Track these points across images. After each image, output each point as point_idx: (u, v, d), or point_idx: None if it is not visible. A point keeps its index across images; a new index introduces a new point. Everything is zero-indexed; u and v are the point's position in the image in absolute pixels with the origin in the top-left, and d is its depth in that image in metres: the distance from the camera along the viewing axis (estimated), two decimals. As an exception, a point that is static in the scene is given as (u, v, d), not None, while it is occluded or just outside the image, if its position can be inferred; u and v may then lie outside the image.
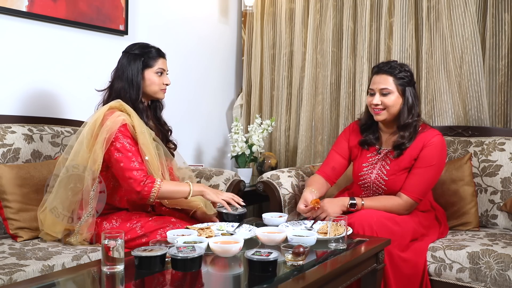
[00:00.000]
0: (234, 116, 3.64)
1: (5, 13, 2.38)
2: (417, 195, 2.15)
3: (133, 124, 1.99)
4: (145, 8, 3.07)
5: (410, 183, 2.16)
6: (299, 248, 1.53)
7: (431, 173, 2.17)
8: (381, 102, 2.17)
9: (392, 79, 2.16)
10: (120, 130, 1.95)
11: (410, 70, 2.22)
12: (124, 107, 2.01)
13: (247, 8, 3.55)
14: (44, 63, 2.57)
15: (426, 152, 2.16)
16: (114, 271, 1.44)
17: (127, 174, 1.92)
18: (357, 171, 2.32)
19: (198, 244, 1.57)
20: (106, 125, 1.94)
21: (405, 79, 2.17)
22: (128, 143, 1.95)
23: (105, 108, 2.01)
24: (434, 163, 2.16)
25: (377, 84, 2.18)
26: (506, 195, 2.44)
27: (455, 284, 2.06)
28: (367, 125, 2.32)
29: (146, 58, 2.09)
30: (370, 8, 3.11)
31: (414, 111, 2.18)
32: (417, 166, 2.17)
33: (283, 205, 2.54)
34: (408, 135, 2.19)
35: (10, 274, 1.60)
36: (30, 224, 2.05)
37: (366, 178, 2.28)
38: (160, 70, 2.11)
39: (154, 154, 2.02)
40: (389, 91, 2.16)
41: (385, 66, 2.19)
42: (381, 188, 2.24)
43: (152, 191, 1.92)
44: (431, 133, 2.20)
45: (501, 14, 2.72)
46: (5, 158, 2.18)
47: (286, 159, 3.55)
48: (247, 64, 3.71)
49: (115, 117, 1.96)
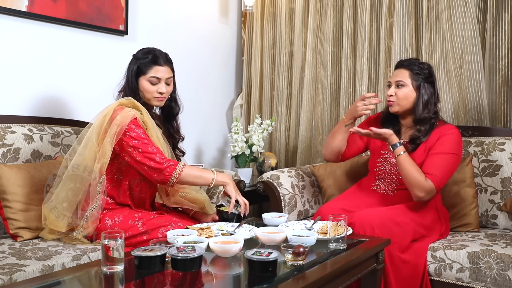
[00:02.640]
0: (234, 116, 3.64)
1: (5, 13, 2.37)
2: (438, 179, 2.13)
3: (143, 119, 2.01)
4: (145, 8, 3.07)
5: (432, 166, 2.15)
6: (299, 248, 1.53)
7: (450, 160, 2.17)
8: (394, 93, 2.25)
9: (408, 73, 2.24)
10: (132, 122, 1.96)
11: (430, 69, 2.28)
12: (135, 104, 2.02)
13: (247, 8, 3.55)
14: (44, 63, 2.57)
15: (443, 140, 2.19)
16: (114, 271, 1.44)
17: (147, 156, 1.92)
18: (375, 157, 2.37)
19: (198, 244, 1.57)
20: (117, 119, 1.95)
21: (421, 75, 2.23)
22: (142, 132, 1.97)
23: (115, 104, 2.02)
24: (454, 152, 2.18)
25: (394, 77, 2.28)
26: (506, 195, 2.44)
27: (455, 284, 2.06)
28: (388, 118, 2.38)
29: (140, 64, 2.06)
30: (370, 8, 3.11)
31: (430, 106, 2.23)
32: (435, 151, 2.18)
33: (283, 205, 2.54)
34: (424, 129, 2.23)
35: (10, 274, 1.60)
36: (30, 224, 2.05)
37: (381, 168, 2.33)
38: (152, 79, 2.05)
39: (165, 150, 2.04)
40: (403, 83, 2.24)
41: (405, 62, 2.30)
42: (394, 179, 2.28)
43: (174, 173, 1.93)
44: (448, 126, 2.27)
45: (501, 14, 2.72)
46: (5, 158, 2.18)
47: (286, 159, 3.55)
48: (247, 64, 3.71)
49: (126, 112, 1.97)
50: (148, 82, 2.06)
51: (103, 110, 2.03)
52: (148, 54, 2.08)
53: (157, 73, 2.06)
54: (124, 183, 2.07)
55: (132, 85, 2.06)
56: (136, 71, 2.07)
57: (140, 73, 2.07)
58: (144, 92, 2.07)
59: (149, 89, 2.07)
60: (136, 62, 2.08)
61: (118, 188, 2.07)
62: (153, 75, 2.06)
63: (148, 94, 2.07)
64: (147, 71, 2.06)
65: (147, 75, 2.06)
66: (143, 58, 2.07)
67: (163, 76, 2.07)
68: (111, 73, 2.85)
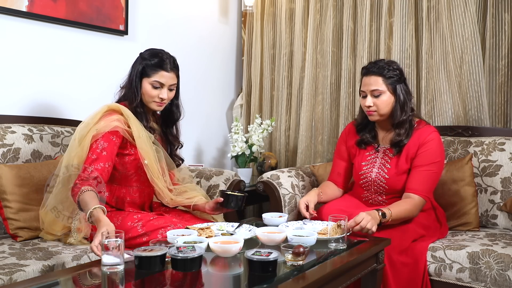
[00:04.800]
0: (234, 116, 3.64)
1: (5, 13, 2.38)
2: (426, 193, 2.15)
3: (129, 129, 1.98)
4: (145, 8, 3.07)
5: (417, 182, 2.15)
6: (299, 248, 1.53)
7: (434, 170, 2.17)
8: (374, 104, 2.18)
9: (381, 79, 2.16)
10: (108, 133, 1.93)
11: (399, 67, 2.21)
12: (122, 111, 2.00)
13: (247, 8, 3.55)
14: (44, 63, 2.57)
15: (425, 149, 2.17)
16: (114, 271, 1.44)
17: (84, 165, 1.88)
18: (357, 170, 2.32)
19: (198, 244, 1.57)
20: (99, 124, 1.95)
21: (394, 78, 2.17)
22: (102, 146, 1.91)
23: (104, 109, 2.01)
24: (436, 161, 2.17)
25: (367, 86, 2.18)
26: (506, 195, 2.44)
27: (455, 284, 2.06)
28: (363, 124, 2.33)
29: (146, 66, 2.02)
30: (370, 8, 3.11)
31: (406, 107, 2.19)
32: (419, 164, 2.17)
33: (283, 205, 2.54)
34: (404, 131, 2.19)
35: (10, 274, 1.60)
36: (30, 224, 2.05)
37: (366, 176, 2.28)
38: (156, 84, 2.01)
39: (154, 158, 2.00)
40: (380, 92, 2.16)
41: (374, 67, 2.19)
42: (382, 187, 2.24)
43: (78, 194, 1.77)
44: (427, 130, 2.21)
45: (501, 14, 2.72)
46: (5, 158, 2.18)
47: (286, 159, 3.55)
48: (247, 64, 3.71)
49: (109, 121, 1.95)
50: (151, 85, 2.02)
51: (94, 112, 2.02)
52: (155, 57, 2.03)
53: (161, 78, 2.02)
54: (121, 191, 2.07)
55: (135, 84, 2.03)
56: (140, 71, 2.03)
57: (144, 74, 2.03)
58: (145, 94, 2.04)
59: (151, 93, 2.03)
60: (142, 62, 2.04)
61: (115, 195, 2.08)
62: (156, 80, 2.01)
63: (149, 97, 2.04)
64: (152, 74, 2.02)
65: (151, 78, 2.02)
66: (149, 60, 2.03)
67: (167, 82, 2.03)
68: (111, 73, 2.86)
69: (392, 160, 2.23)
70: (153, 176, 2.00)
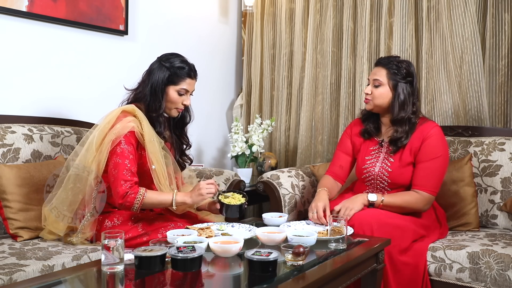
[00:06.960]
0: (234, 116, 3.64)
1: (5, 13, 2.38)
2: (432, 188, 2.16)
3: (142, 132, 1.98)
4: (145, 8, 3.07)
5: (422, 178, 2.17)
6: (299, 248, 1.53)
7: (438, 164, 2.18)
8: (371, 92, 2.24)
9: (385, 72, 2.22)
10: (125, 136, 1.94)
11: (409, 68, 2.23)
12: (136, 113, 2.00)
13: (247, 8, 3.55)
14: (44, 63, 2.57)
15: (427, 144, 2.18)
16: (114, 271, 1.44)
17: (117, 181, 1.90)
18: (360, 165, 2.34)
19: (198, 244, 1.57)
20: (116, 127, 1.94)
21: (398, 75, 2.20)
22: (127, 150, 1.93)
23: (118, 111, 2.00)
24: (440, 155, 2.18)
25: (372, 75, 2.26)
26: (506, 195, 2.44)
27: (455, 284, 2.06)
28: (368, 115, 2.36)
29: (173, 75, 2.03)
30: (370, 8, 3.11)
31: (407, 107, 2.20)
32: (422, 160, 2.18)
33: (283, 205, 2.54)
34: (403, 130, 2.21)
35: (10, 274, 1.60)
36: (30, 224, 2.05)
37: (369, 171, 2.29)
38: (182, 91, 2.04)
39: (162, 163, 2.00)
40: (379, 83, 2.22)
41: (384, 60, 2.26)
42: (385, 181, 2.25)
43: (135, 202, 1.89)
44: (429, 125, 2.23)
45: (501, 14, 2.72)
46: (5, 158, 2.18)
47: (286, 159, 3.55)
48: (247, 64, 3.71)
49: (126, 122, 1.95)
50: (177, 92, 2.04)
51: (107, 115, 2.01)
52: (184, 66, 2.05)
53: (189, 86, 2.06)
54: None
55: (160, 91, 2.02)
56: (166, 79, 2.03)
57: (171, 82, 2.03)
58: (169, 102, 2.05)
59: (176, 100, 2.04)
60: (168, 70, 2.03)
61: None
62: (184, 88, 2.05)
63: (172, 104, 2.05)
64: (180, 82, 2.04)
65: (178, 86, 2.04)
66: (178, 68, 2.03)
67: (191, 89, 2.08)
68: (111, 73, 2.86)
69: (396, 154, 2.24)
70: (159, 182, 2.00)
